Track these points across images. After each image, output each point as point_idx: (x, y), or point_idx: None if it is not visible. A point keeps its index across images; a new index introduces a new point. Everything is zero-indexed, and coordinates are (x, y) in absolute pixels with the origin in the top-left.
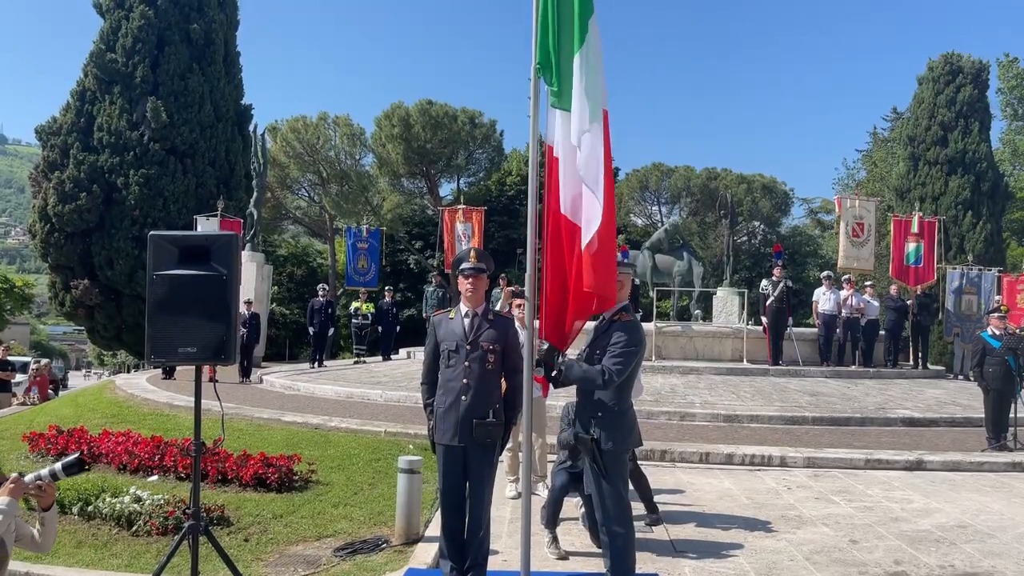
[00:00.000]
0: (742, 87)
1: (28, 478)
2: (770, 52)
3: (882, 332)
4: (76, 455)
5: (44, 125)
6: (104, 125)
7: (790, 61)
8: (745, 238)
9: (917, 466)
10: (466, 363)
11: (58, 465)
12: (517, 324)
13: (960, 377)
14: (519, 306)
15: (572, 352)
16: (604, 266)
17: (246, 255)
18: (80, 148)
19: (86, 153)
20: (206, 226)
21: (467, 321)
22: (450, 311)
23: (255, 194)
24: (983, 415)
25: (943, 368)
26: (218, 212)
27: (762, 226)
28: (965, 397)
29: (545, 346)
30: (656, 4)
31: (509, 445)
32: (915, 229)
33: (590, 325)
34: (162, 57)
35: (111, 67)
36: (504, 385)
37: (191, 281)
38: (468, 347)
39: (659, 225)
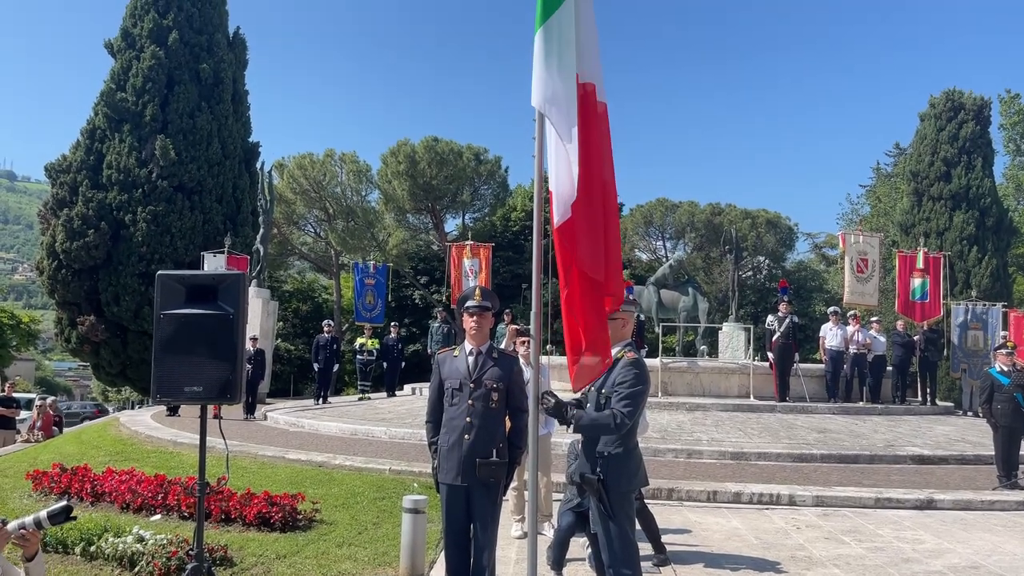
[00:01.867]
0: (744, 123)
1: (11, 526)
2: (772, 90)
3: (889, 368)
4: (63, 504)
5: (54, 163)
6: (113, 163)
7: (792, 98)
8: (750, 273)
9: (928, 505)
10: (469, 401)
11: (43, 513)
12: (522, 362)
13: (969, 413)
14: (523, 343)
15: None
16: (590, 241)
17: (252, 291)
18: (89, 186)
19: (95, 190)
20: (213, 263)
21: (471, 359)
22: (454, 349)
23: (261, 230)
24: (993, 452)
25: (952, 404)
26: (225, 249)
27: (767, 261)
28: (975, 434)
29: (552, 401)
30: (660, 44)
31: (514, 484)
32: (920, 265)
33: (594, 360)
34: (171, 96)
35: (121, 106)
36: (508, 424)
37: (198, 320)
38: (472, 385)
39: (664, 260)
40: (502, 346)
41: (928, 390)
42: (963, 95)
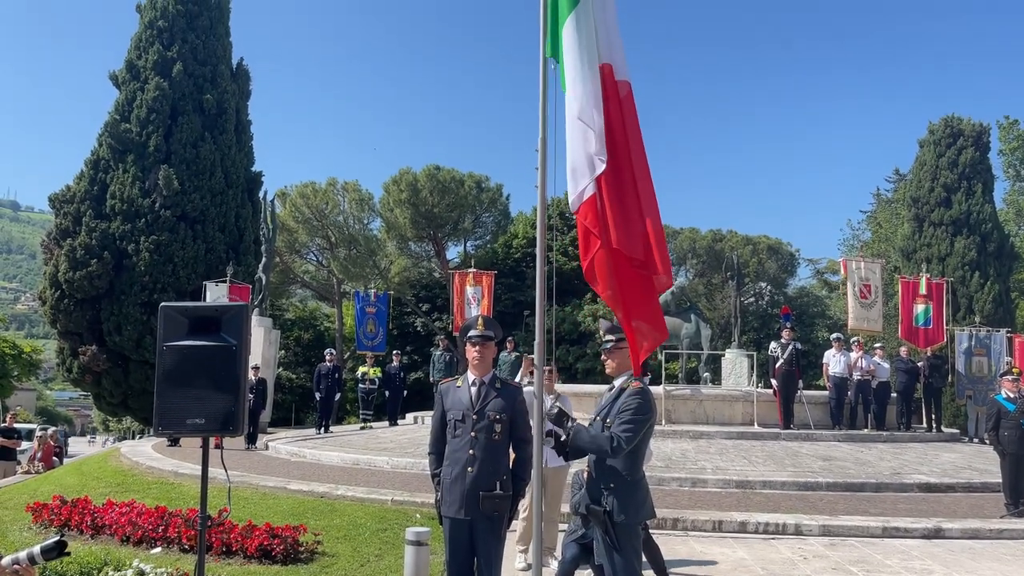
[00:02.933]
0: (744, 149)
1: (4, 561)
2: (770, 115)
3: (894, 394)
4: (56, 539)
5: (58, 194)
6: (117, 193)
7: (791, 124)
8: (752, 299)
9: (935, 534)
10: (472, 433)
11: (36, 548)
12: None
13: (975, 440)
14: (548, 371)
15: (580, 416)
16: (623, 219)
17: (254, 320)
18: (92, 216)
19: (98, 220)
20: (215, 292)
21: (474, 390)
22: (457, 379)
23: (264, 259)
24: (1000, 480)
25: (957, 431)
26: (227, 278)
27: (769, 287)
28: (981, 461)
29: (555, 411)
30: (656, 69)
31: (524, 514)
32: (923, 290)
33: (593, 389)
34: (175, 126)
35: (125, 136)
36: (512, 455)
37: (201, 352)
38: (474, 417)
39: None
40: (517, 377)
41: (933, 417)
42: (962, 121)
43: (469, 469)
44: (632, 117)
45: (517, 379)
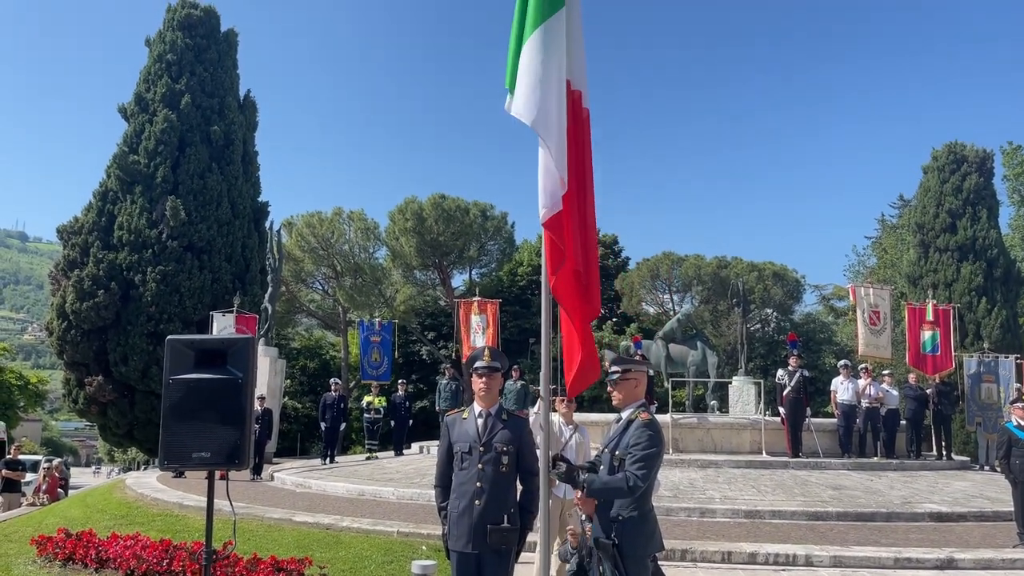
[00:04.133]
0: (748, 176)
1: None
2: (773, 143)
3: (903, 422)
4: None
5: (66, 225)
6: (124, 224)
7: (795, 151)
8: (758, 326)
9: (948, 565)
10: (479, 465)
11: None
12: (562, 421)
13: (986, 468)
14: (562, 402)
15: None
16: (581, 237)
17: (260, 350)
18: (100, 247)
19: (106, 251)
20: (222, 322)
21: (480, 421)
22: (463, 411)
23: (270, 289)
24: (1013, 508)
25: (968, 458)
26: (234, 308)
27: (775, 314)
28: (993, 489)
29: (564, 467)
30: (662, 99)
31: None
32: (930, 317)
33: (604, 417)
34: (183, 158)
35: (133, 168)
36: (519, 488)
37: (207, 385)
38: (481, 449)
39: (671, 314)
40: (535, 408)
41: (943, 444)
42: (965, 147)
43: (476, 502)
44: (588, 142)
45: (535, 411)
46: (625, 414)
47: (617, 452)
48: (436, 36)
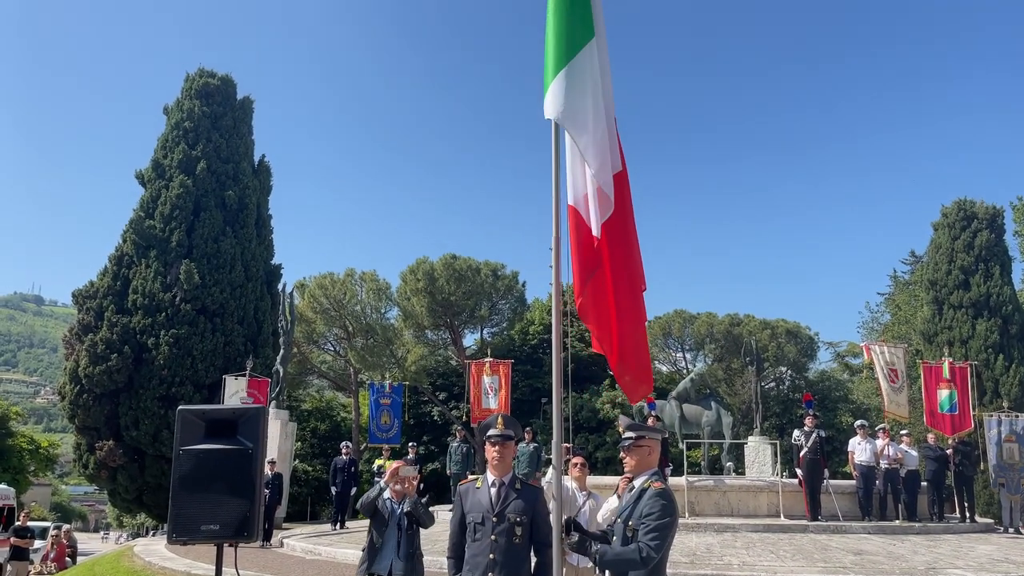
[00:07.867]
0: (755, 234)
1: None
2: (774, 203)
3: (924, 483)
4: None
5: (81, 289)
6: (139, 288)
7: (798, 209)
8: (773, 384)
9: None
10: (492, 537)
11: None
12: (575, 485)
13: (1011, 530)
14: (575, 465)
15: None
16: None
17: (271, 413)
18: (114, 311)
19: (120, 315)
20: (234, 385)
21: (493, 491)
22: (476, 480)
23: (282, 351)
24: None
25: (992, 520)
26: (247, 371)
27: (789, 372)
28: (1018, 553)
29: (575, 538)
30: (670, 159)
31: None
32: (947, 375)
33: (618, 481)
34: (197, 222)
35: (149, 232)
36: (533, 560)
37: (217, 455)
38: (494, 519)
39: (684, 372)
40: (547, 474)
41: (966, 506)
42: (975, 204)
43: (490, 574)
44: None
45: (548, 478)
46: (638, 483)
47: (630, 522)
48: (443, 102)
